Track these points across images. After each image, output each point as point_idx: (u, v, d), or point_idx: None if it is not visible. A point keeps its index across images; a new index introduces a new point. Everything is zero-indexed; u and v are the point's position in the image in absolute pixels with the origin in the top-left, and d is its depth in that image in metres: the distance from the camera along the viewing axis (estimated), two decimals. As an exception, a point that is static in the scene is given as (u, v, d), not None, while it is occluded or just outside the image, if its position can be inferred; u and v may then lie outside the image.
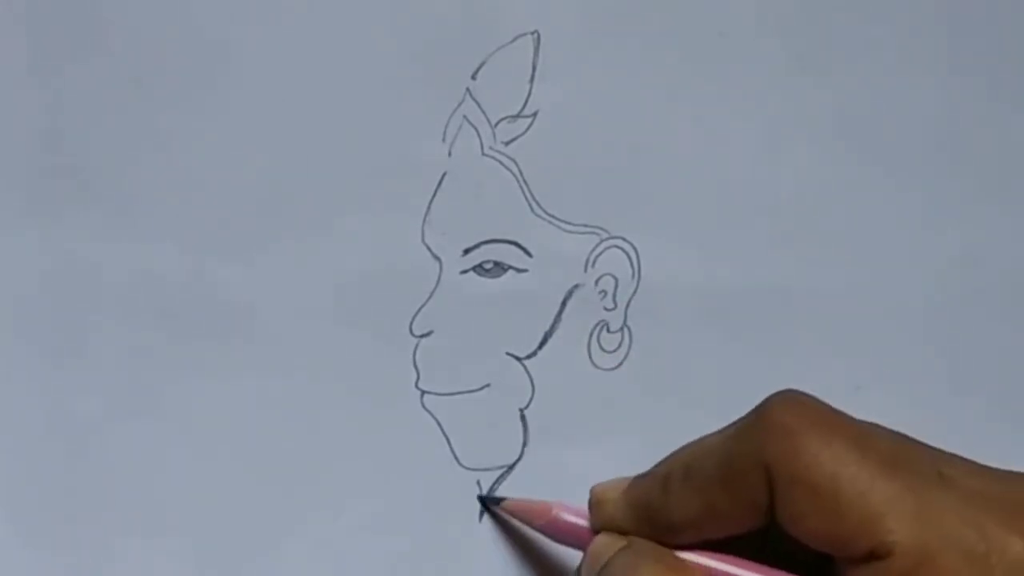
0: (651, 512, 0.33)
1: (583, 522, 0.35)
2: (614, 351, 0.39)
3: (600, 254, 0.39)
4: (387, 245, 0.39)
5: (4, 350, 0.38)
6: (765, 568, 0.32)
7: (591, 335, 0.39)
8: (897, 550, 0.29)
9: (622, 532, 0.34)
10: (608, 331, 0.39)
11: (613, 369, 0.39)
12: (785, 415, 0.31)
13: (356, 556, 0.38)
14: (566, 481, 0.39)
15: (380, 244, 0.39)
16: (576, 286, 0.39)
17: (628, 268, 0.39)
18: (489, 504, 0.38)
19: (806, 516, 0.30)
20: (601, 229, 0.39)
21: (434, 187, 0.39)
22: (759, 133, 0.40)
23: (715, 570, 0.32)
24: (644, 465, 0.38)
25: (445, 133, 0.39)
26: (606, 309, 0.39)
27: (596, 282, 0.39)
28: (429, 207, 0.39)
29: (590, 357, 0.39)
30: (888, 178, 0.40)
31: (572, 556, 0.38)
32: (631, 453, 0.38)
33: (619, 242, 0.39)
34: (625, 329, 0.39)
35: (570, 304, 0.39)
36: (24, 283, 0.38)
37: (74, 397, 0.38)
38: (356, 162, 0.39)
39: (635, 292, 0.39)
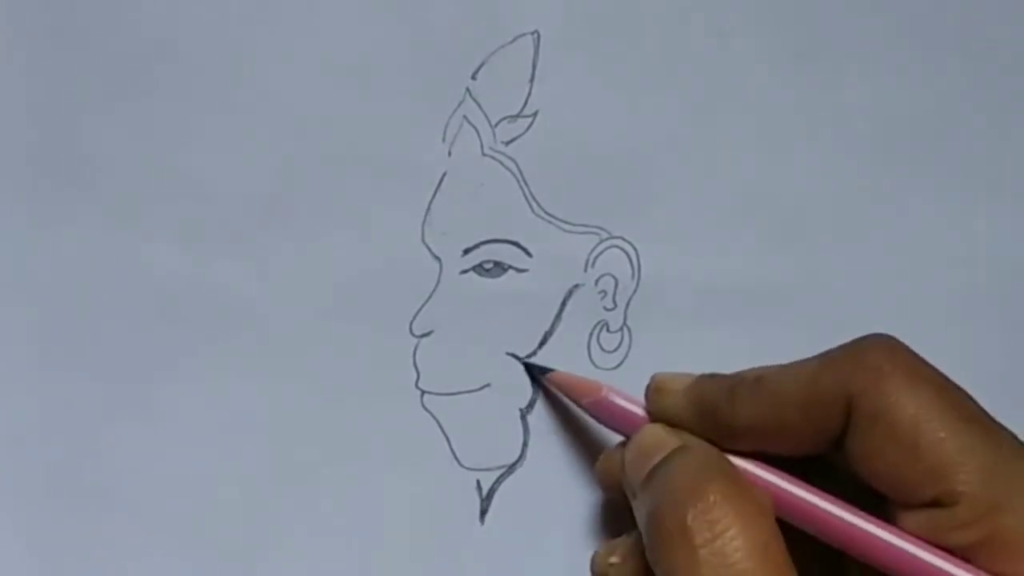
0: (713, 412, 0.33)
1: (633, 408, 0.35)
2: (614, 351, 0.39)
3: (600, 254, 0.39)
4: (387, 245, 0.39)
5: (4, 350, 0.38)
6: (819, 491, 0.32)
7: (591, 335, 0.39)
8: (963, 500, 0.30)
9: (676, 425, 0.34)
10: (608, 331, 0.39)
11: (613, 369, 0.39)
12: (878, 354, 0.31)
13: (355, 555, 0.38)
14: (566, 481, 0.39)
15: (380, 244, 0.39)
16: (576, 286, 0.39)
17: (628, 268, 0.39)
18: (536, 373, 0.38)
19: (879, 454, 0.31)
20: (601, 229, 0.39)
21: (434, 187, 0.39)
22: (759, 133, 0.40)
23: (772, 484, 0.33)
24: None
25: (445, 133, 0.39)
26: (606, 309, 0.39)
27: (596, 282, 0.39)
28: (429, 207, 0.39)
29: (590, 357, 0.39)
30: (888, 177, 0.40)
31: (578, 544, 0.38)
32: (631, 453, 0.38)
33: (619, 242, 0.39)
34: (625, 329, 0.39)
35: (570, 304, 0.39)
36: (24, 283, 0.38)
37: (74, 397, 0.38)
38: (356, 162, 0.39)
39: (635, 292, 0.39)
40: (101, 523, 0.38)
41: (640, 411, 0.35)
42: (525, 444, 0.39)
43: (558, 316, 0.39)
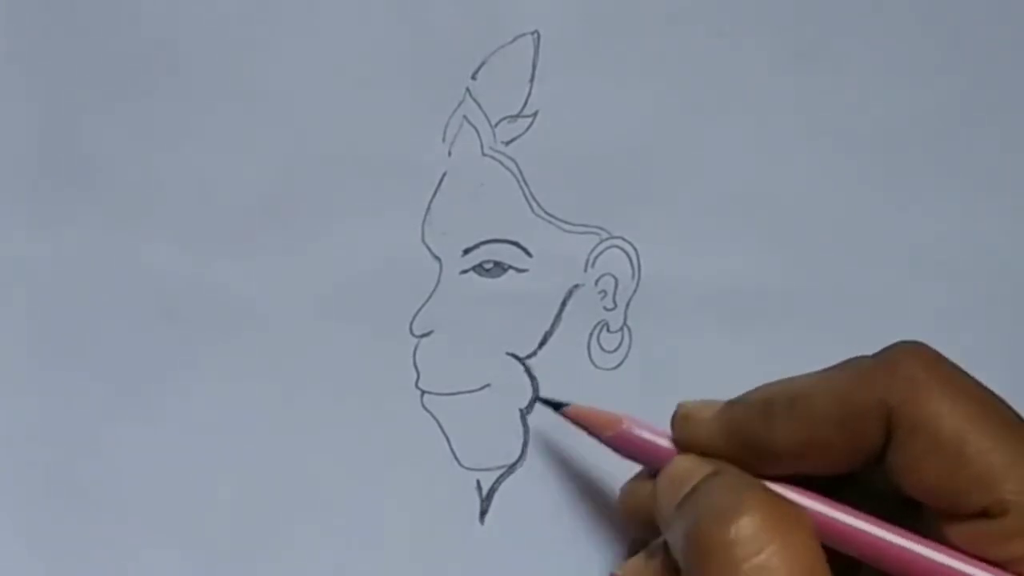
0: (749, 438, 0.33)
1: (659, 439, 0.34)
2: (614, 351, 0.39)
3: (600, 254, 0.39)
4: (387, 245, 0.39)
5: (4, 349, 0.38)
6: (860, 512, 0.32)
7: (591, 335, 0.39)
8: (1013, 510, 0.29)
9: (707, 454, 0.33)
10: (608, 331, 0.39)
11: (613, 369, 0.39)
12: (914, 364, 0.31)
13: (355, 556, 0.38)
14: (566, 481, 0.39)
15: (380, 244, 0.39)
16: (576, 286, 0.39)
17: (628, 268, 0.39)
18: (552, 408, 0.37)
19: (923, 465, 0.30)
20: (601, 229, 0.39)
21: (434, 187, 0.39)
22: (759, 133, 0.40)
23: (812, 509, 0.32)
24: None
25: (445, 133, 0.39)
26: (606, 309, 0.39)
27: (596, 282, 0.39)
28: (429, 207, 0.39)
29: (590, 357, 0.39)
30: (889, 178, 0.40)
31: (578, 544, 0.38)
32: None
33: (619, 242, 0.39)
34: (625, 329, 0.39)
35: (570, 304, 0.39)
36: (24, 283, 0.38)
37: (74, 397, 0.38)
38: (356, 162, 0.39)
39: (635, 292, 0.39)
40: (101, 523, 0.38)
41: (666, 442, 0.34)
42: (525, 444, 0.39)
43: (558, 316, 0.39)
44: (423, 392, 0.39)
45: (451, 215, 0.39)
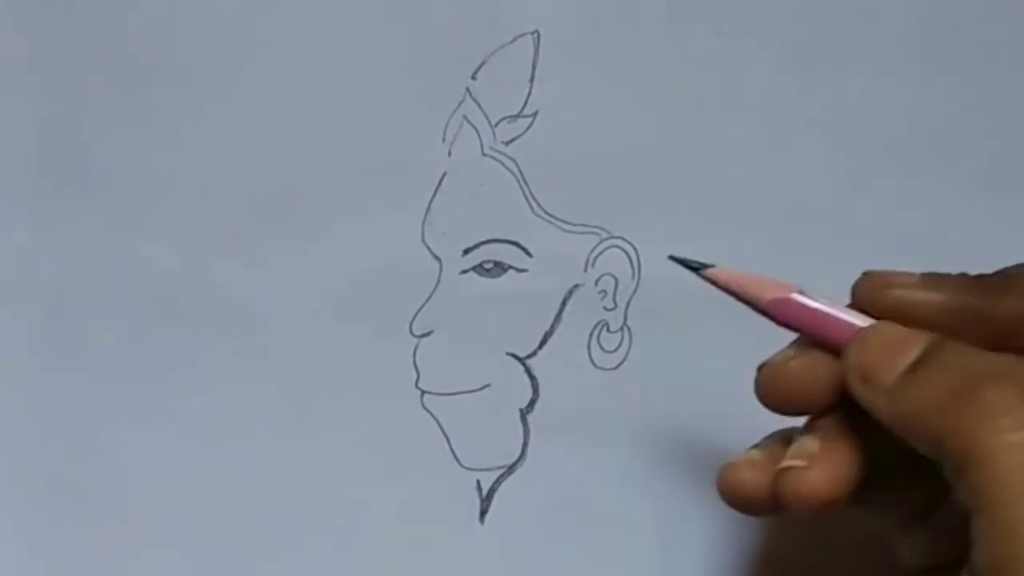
0: (972, 308, 0.30)
1: (839, 309, 0.31)
2: (614, 351, 0.39)
3: (600, 254, 0.39)
4: (387, 245, 0.39)
5: (4, 349, 0.38)
6: None
7: (591, 335, 0.39)
8: None
9: (911, 325, 0.30)
10: (608, 331, 0.39)
11: (613, 369, 0.39)
12: None
13: (355, 555, 0.38)
14: (567, 481, 0.39)
15: (380, 244, 0.39)
16: (576, 286, 0.39)
17: (628, 268, 0.39)
18: (690, 267, 0.34)
19: None
20: (601, 229, 0.39)
21: (434, 187, 0.39)
22: (759, 133, 0.40)
23: None
24: (644, 465, 0.38)
25: (445, 133, 0.39)
26: (606, 309, 0.39)
27: (596, 282, 0.39)
28: (429, 207, 0.39)
29: (590, 357, 0.39)
30: (889, 178, 0.40)
31: (578, 544, 0.38)
32: (631, 453, 0.38)
33: (619, 242, 0.39)
34: (625, 329, 0.39)
35: (570, 304, 0.39)
36: (24, 282, 0.38)
37: (74, 397, 0.38)
38: (356, 162, 0.39)
39: (635, 292, 0.39)
40: (101, 523, 0.38)
41: (850, 312, 0.31)
42: (525, 444, 0.39)
43: (558, 316, 0.39)
44: (423, 392, 0.39)
45: (451, 215, 0.39)
